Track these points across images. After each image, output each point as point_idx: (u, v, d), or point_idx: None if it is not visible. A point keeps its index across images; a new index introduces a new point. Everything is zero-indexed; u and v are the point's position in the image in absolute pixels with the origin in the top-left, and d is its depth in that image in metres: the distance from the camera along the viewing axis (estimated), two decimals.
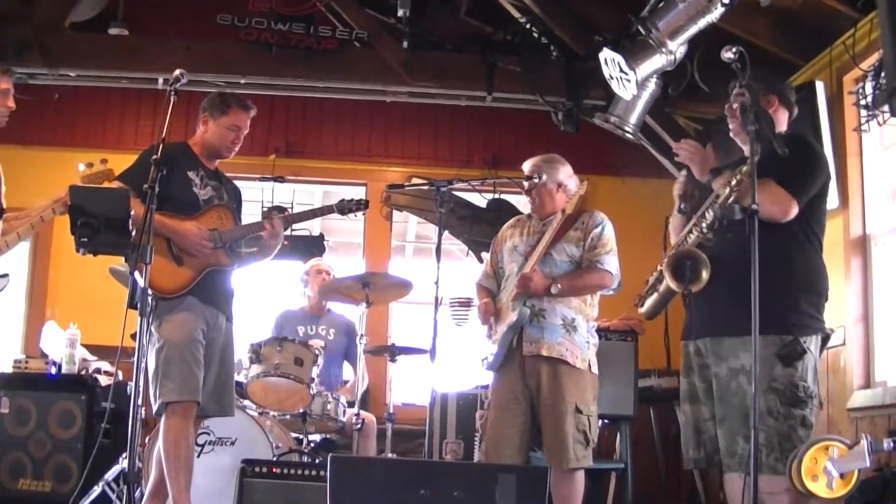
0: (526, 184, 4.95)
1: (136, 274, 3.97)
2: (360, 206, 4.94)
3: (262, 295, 8.04)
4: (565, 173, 4.98)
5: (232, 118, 4.69)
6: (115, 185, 4.35)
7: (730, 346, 3.88)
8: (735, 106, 4.05)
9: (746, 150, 4.11)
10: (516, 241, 4.96)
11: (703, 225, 3.87)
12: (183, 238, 4.47)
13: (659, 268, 4.10)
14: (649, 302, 4.15)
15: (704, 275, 3.77)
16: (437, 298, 4.83)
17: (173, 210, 4.46)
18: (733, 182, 3.80)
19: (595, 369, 4.80)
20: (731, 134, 4.16)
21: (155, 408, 4.38)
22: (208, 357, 4.47)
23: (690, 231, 3.96)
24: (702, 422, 4.03)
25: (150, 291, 4.16)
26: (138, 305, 3.67)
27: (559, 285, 4.68)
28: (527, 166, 5.01)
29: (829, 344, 5.01)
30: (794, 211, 3.86)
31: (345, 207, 4.91)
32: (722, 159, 4.25)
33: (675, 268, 3.84)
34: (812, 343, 3.87)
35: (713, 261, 3.78)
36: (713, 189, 3.99)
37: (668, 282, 3.87)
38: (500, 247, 5.08)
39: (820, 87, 5.77)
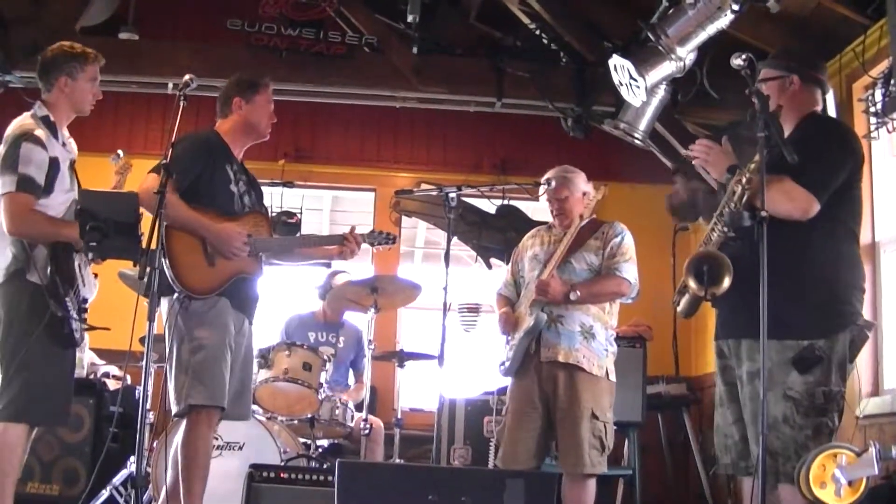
0: (547, 195, 4.94)
1: (165, 264, 4.05)
2: (389, 240, 4.85)
3: (270, 299, 8.02)
4: (583, 180, 5.00)
5: (264, 94, 4.68)
6: (152, 176, 4.15)
7: (747, 348, 3.76)
8: None
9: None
10: (537, 249, 4.98)
11: (723, 223, 3.74)
12: (220, 240, 4.34)
13: None
14: (683, 301, 4.03)
15: (727, 278, 3.63)
16: (445, 304, 4.84)
17: (210, 206, 4.36)
18: (743, 180, 3.65)
19: (612, 377, 4.80)
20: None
21: (178, 408, 4.22)
22: (233, 361, 4.38)
23: (712, 230, 3.84)
24: (726, 426, 3.91)
25: (178, 286, 4.20)
26: (148, 309, 3.65)
27: (578, 292, 4.69)
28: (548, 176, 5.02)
29: None
30: (815, 209, 3.66)
31: (375, 240, 4.82)
32: (740, 160, 4.14)
33: (696, 270, 3.74)
34: (839, 342, 3.69)
35: (734, 261, 3.65)
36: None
37: (689, 284, 3.79)
38: (521, 256, 5.09)
39: (829, 93, 5.75)
